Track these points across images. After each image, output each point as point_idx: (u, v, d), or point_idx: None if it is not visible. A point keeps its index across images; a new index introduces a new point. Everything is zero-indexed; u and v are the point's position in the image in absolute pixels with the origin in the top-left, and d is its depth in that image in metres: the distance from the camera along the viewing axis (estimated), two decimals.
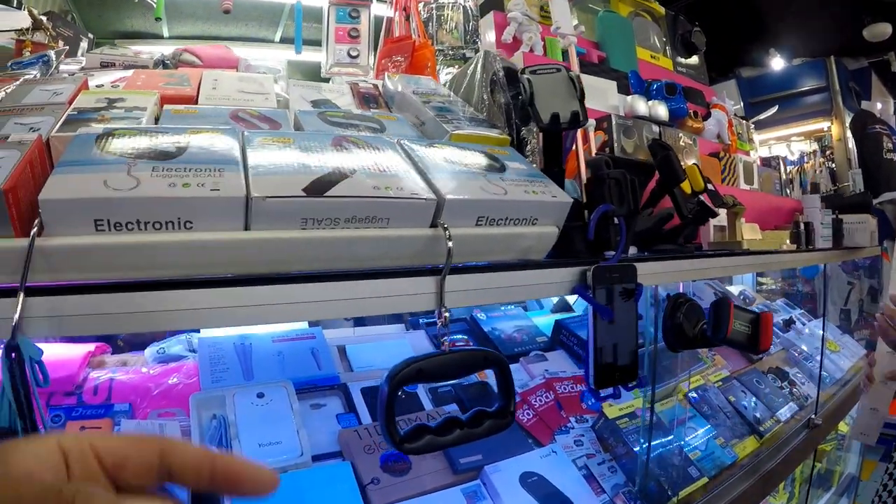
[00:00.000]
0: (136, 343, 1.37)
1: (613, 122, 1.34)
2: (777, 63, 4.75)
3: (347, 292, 0.71)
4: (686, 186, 1.26)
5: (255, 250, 0.67)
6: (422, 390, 1.32)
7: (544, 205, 0.86)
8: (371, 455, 1.09)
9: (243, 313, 0.64)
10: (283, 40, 2.36)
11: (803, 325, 2.30)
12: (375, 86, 1.25)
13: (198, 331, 1.36)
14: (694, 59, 2.06)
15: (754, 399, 1.65)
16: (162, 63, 1.28)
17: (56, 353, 1.20)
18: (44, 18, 1.40)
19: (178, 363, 1.27)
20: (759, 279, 2.73)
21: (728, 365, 1.79)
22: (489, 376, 1.42)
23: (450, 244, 0.74)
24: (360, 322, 1.69)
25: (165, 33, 2.41)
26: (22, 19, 1.34)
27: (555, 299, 1.89)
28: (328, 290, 0.70)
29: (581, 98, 1.01)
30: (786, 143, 4.30)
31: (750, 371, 1.80)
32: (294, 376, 1.23)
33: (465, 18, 1.69)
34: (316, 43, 1.64)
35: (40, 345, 0.52)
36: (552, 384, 1.40)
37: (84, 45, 1.58)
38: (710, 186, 1.33)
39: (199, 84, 1.08)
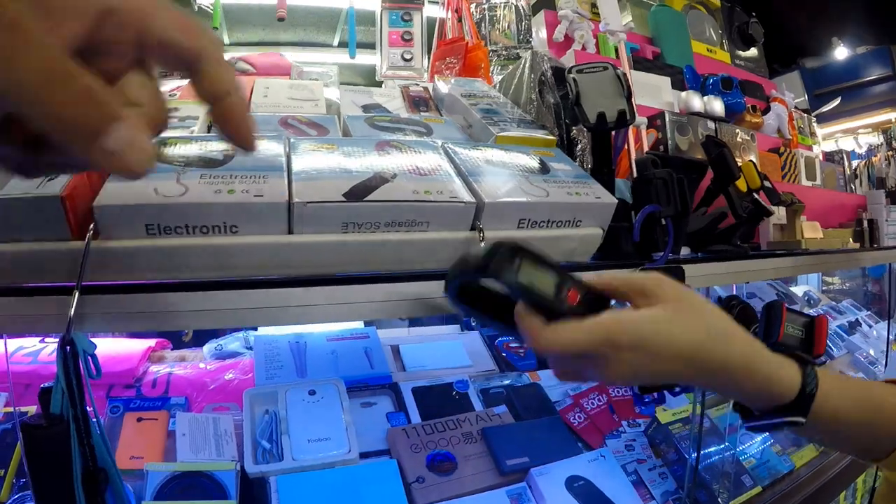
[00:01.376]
0: (199, 339, 1.43)
1: (667, 120, 1.31)
2: (841, 52, 4.49)
3: (385, 293, 0.72)
4: (741, 184, 1.21)
5: (297, 253, 0.69)
6: (472, 392, 1.32)
7: (588, 206, 0.85)
8: (418, 454, 1.10)
9: (285, 313, 0.66)
10: (342, 44, 2.41)
11: (870, 327, 2.18)
12: (426, 89, 1.26)
13: (255, 329, 1.41)
14: (753, 52, 1.98)
15: None
16: None
17: (118, 348, 1.26)
18: None
19: (234, 360, 1.33)
20: (826, 279, 2.60)
21: None
22: (542, 377, 1.41)
23: (481, 245, 0.74)
24: (415, 322, 1.71)
25: (226, 40, 2.49)
26: None
27: None
28: (368, 292, 0.71)
29: (629, 96, 0.99)
30: (853, 136, 4.07)
31: None
32: (346, 375, 1.25)
33: (518, 18, 1.68)
34: (373, 46, 1.67)
35: (104, 339, 0.56)
36: (606, 388, 1.38)
37: None
38: (767, 184, 1.28)
39: (251, 92, 1.12)
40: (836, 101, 3.02)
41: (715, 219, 1.15)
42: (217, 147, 0.76)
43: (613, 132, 1.18)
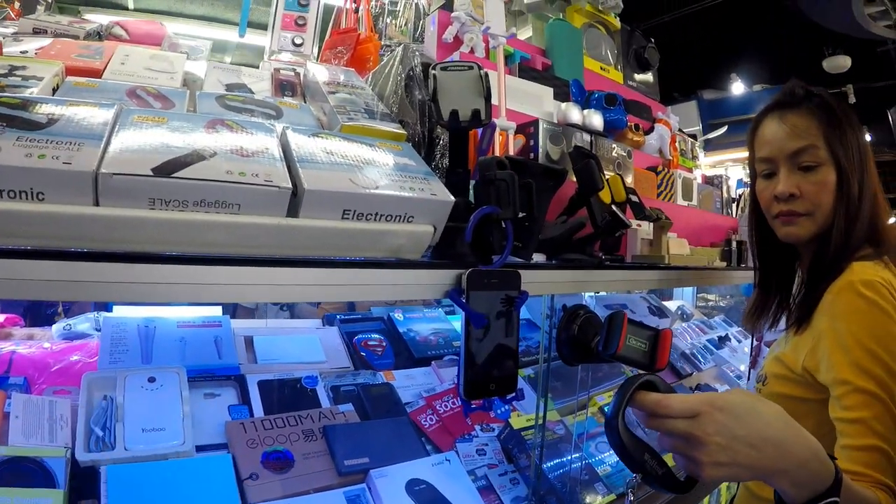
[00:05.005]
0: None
1: (540, 128, 1.32)
2: (737, 87, 4.79)
3: (179, 275, 0.68)
4: (605, 196, 1.24)
5: (99, 227, 0.66)
6: (321, 388, 1.29)
7: (420, 202, 0.84)
8: (253, 450, 1.07)
9: (77, 287, 0.63)
10: (251, 24, 2.35)
11: (739, 342, 2.28)
12: (297, 74, 1.23)
13: (110, 309, 1.35)
14: (648, 76, 2.04)
15: None
16: (97, 34, 1.26)
17: None
18: None
19: (82, 341, 1.26)
20: (703, 295, 2.70)
21: None
22: (396, 377, 1.39)
23: None
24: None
25: (130, 4, 2.38)
26: None
27: None
28: (171, 272, 0.68)
29: (487, 97, 0.99)
30: (742, 166, 4.31)
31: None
32: (193, 363, 1.21)
33: (417, 16, 1.67)
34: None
35: None
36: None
37: (41, 9, 1.56)
38: (634, 198, 1.31)
39: (110, 58, 1.07)
40: (722, 130, 3.19)
41: (572, 228, 1.17)
42: (44, 110, 0.73)
43: (480, 134, 1.19)
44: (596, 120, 1.45)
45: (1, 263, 0.58)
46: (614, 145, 1.49)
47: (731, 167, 4.21)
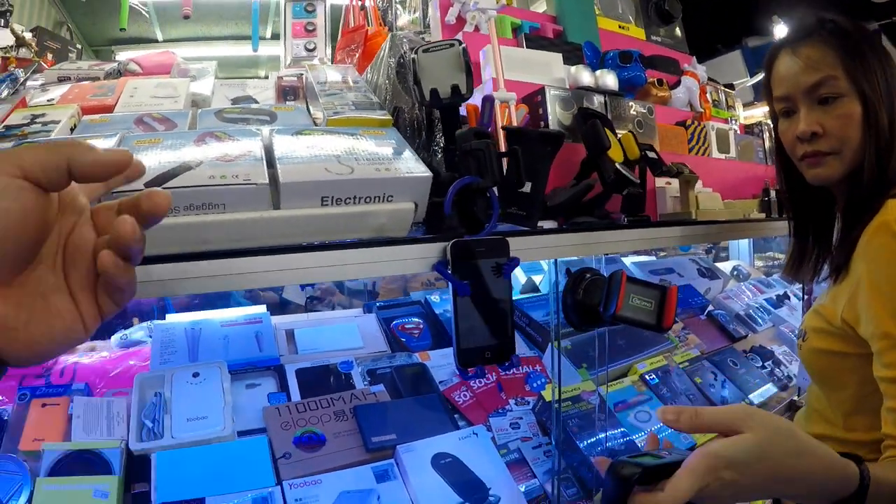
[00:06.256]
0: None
1: (548, 94, 1.31)
2: (781, 30, 4.37)
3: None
4: (617, 156, 1.21)
5: None
6: (357, 372, 1.35)
7: (397, 181, 0.86)
8: (287, 431, 1.14)
9: None
10: (275, 36, 2.45)
11: (800, 300, 2.13)
12: (300, 77, 1.29)
13: (164, 317, 1.47)
14: (674, 30, 1.94)
15: (724, 380, 1.55)
16: (117, 73, 1.38)
17: None
18: (27, 35, 1.54)
19: (137, 347, 1.38)
20: (768, 254, 2.53)
21: (703, 344, 1.70)
22: (431, 357, 1.42)
23: None
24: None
25: (159, 37, 2.55)
26: (5, 38, 1.49)
27: (523, 280, 1.85)
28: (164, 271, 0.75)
29: (468, 72, 1.00)
30: None
31: (724, 351, 1.70)
32: (235, 358, 1.30)
33: (425, 3, 1.69)
34: None
35: None
36: (495, 366, 1.39)
37: (73, 56, 1.72)
38: (651, 155, 1.27)
39: (121, 94, 1.17)
40: (761, 76, 2.95)
41: (579, 191, 1.15)
42: None
43: (481, 108, 1.20)
44: (609, 80, 1.41)
45: None
46: (632, 103, 1.45)
47: None
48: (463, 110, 1.16)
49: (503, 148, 1.19)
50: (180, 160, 0.82)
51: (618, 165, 1.15)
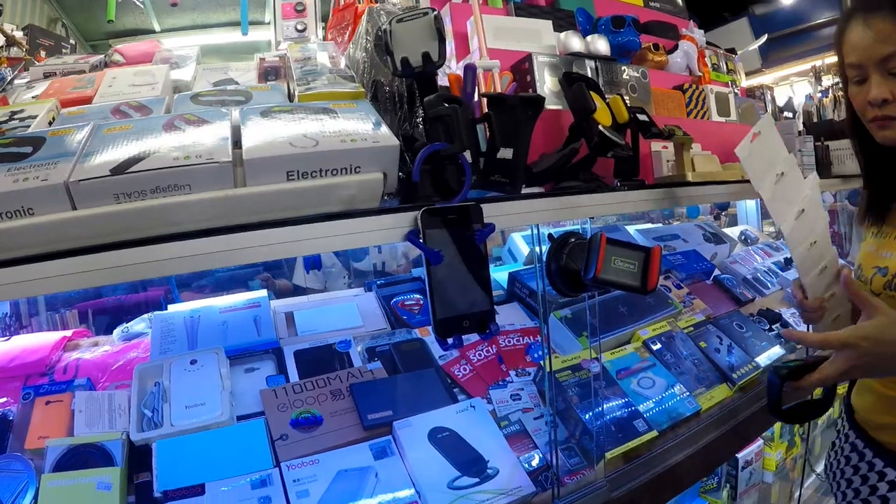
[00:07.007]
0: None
1: (535, 62, 1.28)
2: None
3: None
4: (605, 119, 1.18)
5: (80, 227, 0.76)
6: (355, 351, 1.35)
7: (363, 151, 0.85)
8: (284, 413, 1.14)
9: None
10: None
11: None
12: (282, 58, 1.28)
13: (166, 308, 1.48)
14: None
15: (730, 344, 1.51)
16: (103, 64, 1.38)
17: (32, 341, 1.36)
18: (18, 34, 1.55)
19: (138, 339, 1.40)
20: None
21: (709, 309, 1.65)
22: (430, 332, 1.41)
23: None
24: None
25: (157, 27, 2.54)
26: None
27: (526, 251, 1.82)
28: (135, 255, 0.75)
29: (440, 39, 0.98)
30: (808, 79, 3.80)
31: (731, 314, 1.65)
32: (233, 343, 1.31)
33: None
34: None
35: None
36: (495, 338, 1.37)
37: (67, 51, 1.73)
38: (641, 117, 1.23)
39: (99, 85, 1.17)
40: (763, 39, 2.88)
41: (564, 156, 1.13)
42: (30, 142, 0.84)
43: (464, 77, 1.17)
44: (601, 45, 1.38)
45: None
46: (625, 68, 1.41)
47: (796, 83, 3.78)
48: (446, 81, 1.15)
49: None
50: (146, 144, 0.82)
51: (602, 128, 1.11)
